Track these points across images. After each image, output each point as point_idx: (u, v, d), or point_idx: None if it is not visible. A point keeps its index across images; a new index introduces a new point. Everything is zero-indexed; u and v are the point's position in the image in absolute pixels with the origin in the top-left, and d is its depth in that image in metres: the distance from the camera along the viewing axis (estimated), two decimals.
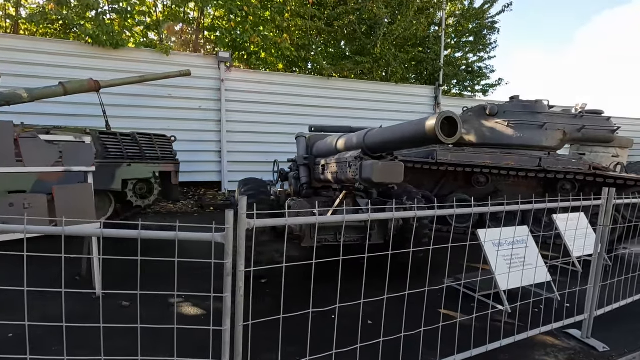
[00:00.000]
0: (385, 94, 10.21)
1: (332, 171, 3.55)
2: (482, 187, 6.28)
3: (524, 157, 5.95)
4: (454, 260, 2.90)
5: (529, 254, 3.45)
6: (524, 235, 3.51)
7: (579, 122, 6.38)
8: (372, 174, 2.84)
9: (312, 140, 4.51)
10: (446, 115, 2.16)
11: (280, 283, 1.91)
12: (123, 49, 7.66)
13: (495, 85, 12.36)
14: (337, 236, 3.79)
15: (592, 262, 2.82)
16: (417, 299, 2.48)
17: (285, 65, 9.59)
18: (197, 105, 8.48)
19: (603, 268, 4.62)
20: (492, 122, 6.54)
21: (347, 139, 3.47)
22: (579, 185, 6.04)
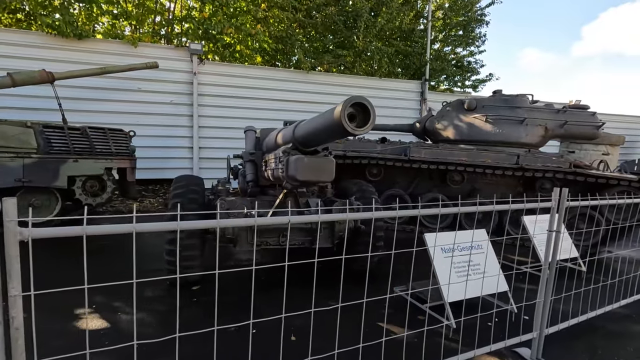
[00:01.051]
0: (368, 89, 9.83)
1: (270, 168, 3.22)
2: (457, 186, 5.93)
3: (501, 154, 5.60)
4: (420, 266, 2.59)
5: (487, 261, 3.11)
6: (481, 239, 3.16)
7: (562, 117, 6.01)
8: (296, 171, 2.51)
9: (262, 134, 4.16)
10: (355, 100, 1.82)
11: (217, 289, 1.60)
12: (88, 40, 7.33)
13: (485, 81, 11.98)
14: (281, 239, 3.46)
15: (542, 273, 2.47)
16: (359, 311, 2.18)
17: (264, 59, 9.23)
18: (169, 99, 8.14)
19: (576, 274, 4.28)
20: (470, 117, 6.18)
21: (284, 133, 3.12)
22: (560, 185, 5.67)
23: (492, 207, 2.47)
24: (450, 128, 6.36)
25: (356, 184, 4.13)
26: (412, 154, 5.85)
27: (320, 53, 9.34)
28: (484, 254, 3.12)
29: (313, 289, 1.94)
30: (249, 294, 3.26)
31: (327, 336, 2.15)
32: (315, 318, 2.26)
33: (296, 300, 2.02)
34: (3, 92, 5.60)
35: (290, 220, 1.71)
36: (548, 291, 2.42)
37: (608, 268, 3.89)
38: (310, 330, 2.46)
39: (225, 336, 2.54)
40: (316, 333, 2.25)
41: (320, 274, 3.93)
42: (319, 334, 2.32)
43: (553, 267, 2.42)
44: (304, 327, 2.67)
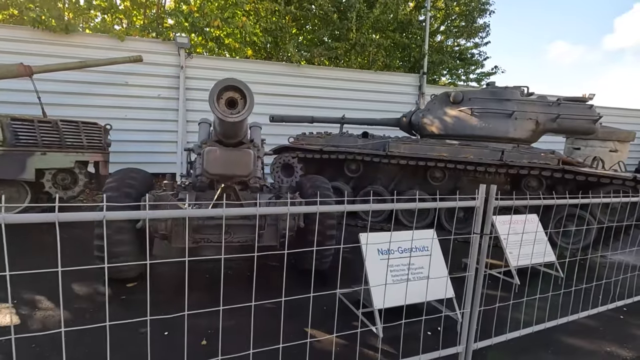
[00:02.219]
0: (363, 83, 9.54)
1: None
2: (438, 183, 5.63)
3: (484, 150, 5.25)
4: None
5: (432, 264, 2.85)
6: (428, 239, 2.91)
7: (555, 110, 5.59)
8: (208, 163, 2.34)
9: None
10: (226, 84, 1.62)
11: (155, 287, 1.49)
12: (75, 34, 7.37)
13: (491, 74, 11.43)
14: (225, 236, 3.30)
15: (467, 280, 2.21)
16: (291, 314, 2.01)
17: (256, 53, 9.07)
18: (156, 93, 8.11)
19: (552, 280, 3.94)
20: (456, 111, 5.84)
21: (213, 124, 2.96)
22: (550, 183, 5.30)
23: (429, 204, 2.24)
24: (435, 122, 6.04)
25: (310, 180, 3.93)
26: (391, 149, 5.59)
27: (313, 46, 9.10)
28: (428, 256, 2.87)
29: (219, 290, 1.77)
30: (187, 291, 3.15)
31: (248, 340, 1.99)
32: (241, 320, 2.11)
33: (231, 300, 1.87)
34: None
35: (225, 214, 1.58)
36: (476, 300, 2.16)
37: (593, 273, 3.54)
38: (228, 333, 2.31)
39: (136, 337, 2.41)
40: (241, 335, 2.10)
41: (264, 274, 3.76)
42: (243, 337, 2.17)
43: (481, 274, 2.15)
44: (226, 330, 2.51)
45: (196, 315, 1.75)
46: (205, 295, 3.09)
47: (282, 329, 1.93)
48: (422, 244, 2.89)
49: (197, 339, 2.43)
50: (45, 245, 4.07)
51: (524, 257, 3.75)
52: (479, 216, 2.07)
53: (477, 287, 2.14)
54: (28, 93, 6.41)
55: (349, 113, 7.80)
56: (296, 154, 6.01)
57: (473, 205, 2.07)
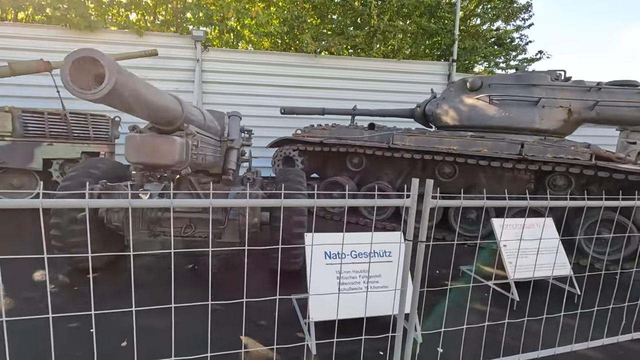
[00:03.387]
0: (385, 72, 8.99)
1: None
2: (448, 179, 5.06)
3: (501, 142, 4.61)
4: None
5: (395, 272, 2.45)
6: (389, 243, 2.50)
7: (593, 97, 4.76)
8: (127, 151, 2.15)
9: None
10: (78, 56, 1.39)
11: (114, 279, 1.45)
12: (97, 31, 7.69)
13: (534, 60, 10.23)
14: (186, 229, 3.14)
15: (400, 296, 1.80)
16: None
17: (274, 44, 8.90)
18: (174, 87, 8.25)
19: (565, 296, 3.31)
20: (473, 99, 5.21)
21: None
22: (583, 182, 4.53)
23: (372, 202, 1.87)
24: (450, 112, 5.45)
25: (284, 172, 3.64)
26: (396, 141, 5.12)
27: (335, 36, 8.71)
28: (391, 262, 2.47)
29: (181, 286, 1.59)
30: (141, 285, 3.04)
31: (178, 345, 1.80)
32: (183, 321, 1.93)
33: (185, 299, 1.71)
34: (4, 81, 6.05)
35: (174, 205, 1.48)
36: (411, 323, 1.75)
37: (624, 293, 2.87)
38: (159, 335, 2.13)
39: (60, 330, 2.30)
40: (176, 339, 1.91)
41: (231, 273, 3.54)
42: (177, 341, 1.98)
43: (417, 290, 1.74)
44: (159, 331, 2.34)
45: (140, 313, 1.56)
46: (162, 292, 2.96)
47: (209, 335, 1.71)
48: (385, 249, 2.49)
49: (120, 339, 2.27)
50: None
51: (528, 268, 3.18)
52: (411, 218, 1.65)
53: (413, 305, 1.73)
54: (49, 88, 6.78)
55: (371, 105, 7.38)
56: (297, 147, 5.74)
57: (522, 206, 1.65)
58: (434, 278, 3.68)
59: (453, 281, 3.61)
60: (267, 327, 2.52)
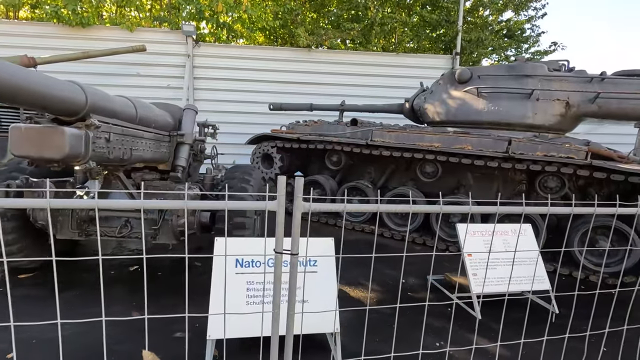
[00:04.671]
0: (384, 67, 8.56)
1: None
2: (431, 179, 4.66)
3: (487, 139, 4.18)
4: None
5: (319, 286, 2.15)
6: (322, 253, 2.19)
7: (595, 88, 4.24)
8: (11, 143, 1.95)
9: None
10: None
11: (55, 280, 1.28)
12: (89, 27, 7.68)
13: (548, 52, 9.51)
14: (122, 229, 2.95)
15: (272, 319, 1.49)
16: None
17: (268, 39, 8.66)
18: (166, 83, 8.16)
19: (552, 317, 2.91)
20: (461, 92, 4.79)
21: None
22: (581, 184, 4.06)
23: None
24: (438, 106, 5.04)
25: (236, 169, 3.39)
26: (375, 138, 4.77)
27: (328, 29, 8.38)
28: (316, 273, 2.16)
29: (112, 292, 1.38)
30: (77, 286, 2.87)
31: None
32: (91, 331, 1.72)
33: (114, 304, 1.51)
34: None
35: (98, 206, 1.29)
36: (287, 353, 1.44)
37: (622, 312, 2.43)
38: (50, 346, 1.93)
39: None
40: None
41: (172, 277, 3.31)
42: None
43: (292, 314, 1.43)
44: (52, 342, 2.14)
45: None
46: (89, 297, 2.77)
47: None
48: (310, 257, 2.18)
49: (9, 350, 2.07)
50: None
51: (499, 281, 2.79)
52: (279, 226, 1.35)
53: (289, 328, 1.43)
54: None
55: (371, 102, 7.02)
56: (275, 144, 5.48)
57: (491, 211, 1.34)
58: (394, 289, 3.33)
59: (414, 293, 3.26)
60: (179, 340, 2.28)
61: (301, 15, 8.15)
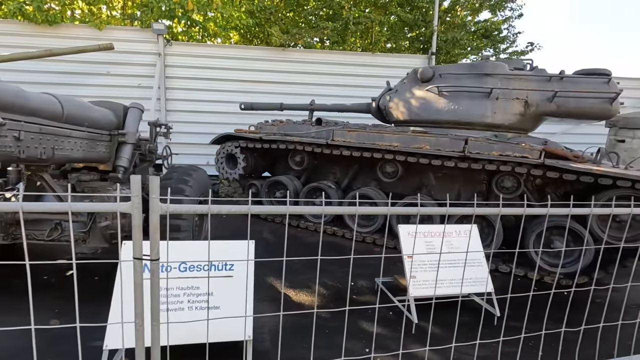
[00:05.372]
0: (359, 67, 8.49)
1: None
2: (391, 179, 4.59)
3: (443, 138, 4.12)
4: None
5: (236, 290, 2.05)
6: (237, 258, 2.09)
7: (553, 87, 4.21)
8: None
9: None
10: None
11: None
12: (56, 25, 7.50)
13: (525, 53, 9.53)
14: (52, 232, 2.82)
15: (136, 332, 1.39)
16: None
17: (243, 38, 8.54)
18: (137, 83, 8.00)
19: (482, 318, 2.84)
20: (423, 91, 4.72)
21: None
22: (539, 183, 4.02)
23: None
24: (401, 105, 4.97)
25: (174, 170, 3.27)
26: (336, 137, 4.68)
27: (303, 28, 8.29)
28: (232, 278, 2.07)
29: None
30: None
31: None
32: None
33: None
34: None
35: (24, 208, 1.22)
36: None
37: (579, 315, 2.36)
38: None
39: None
40: None
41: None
42: None
43: (157, 324, 1.32)
44: None
45: None
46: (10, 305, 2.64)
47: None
48: (227, 261, 2.08)
49: None
50: None
51: (439, 284, 2.72)
52: (137, 229, 1.25)
53: (155, 340, 1.33)
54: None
55: (344, 101, 6.93)
56: (239, 144, 5.37)
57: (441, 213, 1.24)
58: (342, 292, 3.24)
59: (360, 296, 3.17)
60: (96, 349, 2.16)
61: (275, 14, 8.04)
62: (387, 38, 8.55)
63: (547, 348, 2.48)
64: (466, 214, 2.27)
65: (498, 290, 2.95)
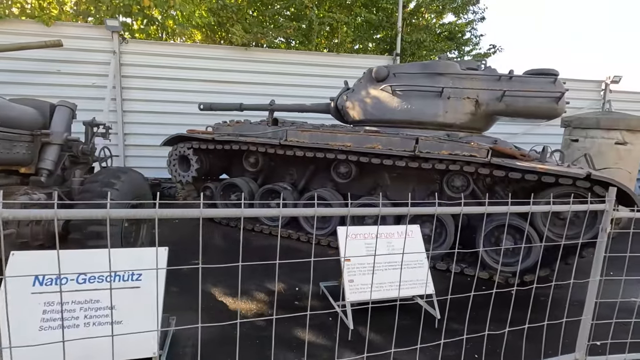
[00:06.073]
0: (324, 67, 8.42)
1: None
2: (345, 179, 4.50)
3: (394, 137, 4.06)
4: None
5: (141, 303, 1.87)
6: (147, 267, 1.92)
7: (502, 86, 4.23)
8: None
9: None
10: None
11: None
12: (0, 21, 7.04)
13: (488, 55, 9.74)
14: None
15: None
16: None
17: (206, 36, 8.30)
18: (91, 82, 7.62)
19: (422, 320, 2.77)
20: (377, 90, 4.67)
21: None
22: (490, 182, 4.02)
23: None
24: (357, 105, 4.90)
25: (100, 174, 3.05)
26: (289, 137, 4.55)
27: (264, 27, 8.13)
28: (139, 289, 1.89)
29: None
30: None
31: None
32: None
33: None
34: None
35: None
36: None
37: (522, 314, 2.29)
38: None
39: None
40: None
41: None
42: None
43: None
44: None
45: None
46: None
47: None
48: (132, 270, 1.90)
49: None
50: None
51: (377, 287, 2.62)
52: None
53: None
54: None
55: (307, 102, 6.81)
56: (191, 145, 5.15)
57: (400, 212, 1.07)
58: (286, 298, 3.11)
59: (302, 301, 3.04)
60: None
61: (238, 12, 7.85)
62: (352, 39, 8.52)
63: (490, 350, 2.44)
64: (428, 213, 2.18)
65: (444, 291, 2.90)
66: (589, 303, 1.97)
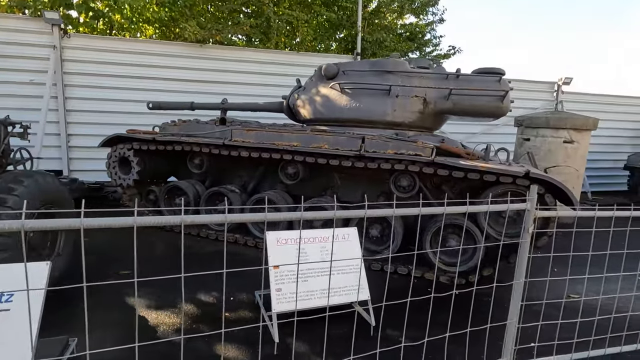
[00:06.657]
0: (283, 66, 8.22)
1: None
2: (293, 180, 4.33)
3: (341, 137, 3.92)
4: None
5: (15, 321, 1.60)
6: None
7: (449, 85, 4.20)
8: None
9: None
10: None
11: None
12: None
13: (448, 56, 9.92)
14: None
15: None
16: None
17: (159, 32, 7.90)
18: (28, 79, 7.04)
19: (354, 326, 2.63)
20: (327, 88, 4.53)
21: None
22: (437, 182, 3.96)
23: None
24: (307, 103, 4.74)
25: (3, 177, 2.72)
26: (235, 137, 4.33)
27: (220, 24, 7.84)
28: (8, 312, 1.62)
29: None
30: None
31: None
32: None
33: None
34: None
35: None
36: None
37: (461, 316, 2.16)
38: None
39: None
40: None
41: None
42: None
43: None
44: None
45: None
46: None
47: None
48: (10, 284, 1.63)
49: None
50: None
51: (307, 295, 2.46)
52: None
53: None
54: None
55: (262, 101, 6.57)
56: (132, 146, 4.81)
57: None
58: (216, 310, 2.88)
59: (233, 312, 2.84)
60: None
61: (193, 8, 7.51)
62: (313, 38, 8.37)
63: (432, 355, 2.32)
64: (386, 215, 2.01)
65: (388, 295, 2.77)
66: (514, 306, 1.88)
